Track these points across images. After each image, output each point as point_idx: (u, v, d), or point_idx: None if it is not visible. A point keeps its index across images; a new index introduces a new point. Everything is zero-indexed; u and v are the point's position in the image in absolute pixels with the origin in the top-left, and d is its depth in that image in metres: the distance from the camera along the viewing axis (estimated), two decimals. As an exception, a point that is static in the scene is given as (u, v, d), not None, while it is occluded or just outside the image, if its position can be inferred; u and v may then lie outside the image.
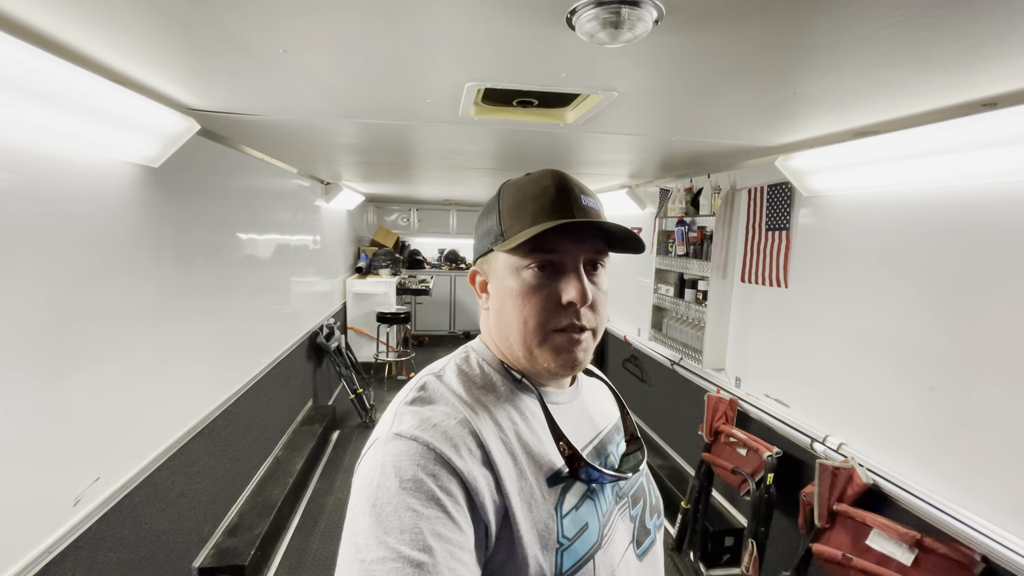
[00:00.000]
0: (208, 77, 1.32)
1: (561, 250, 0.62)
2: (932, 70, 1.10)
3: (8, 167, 1.21)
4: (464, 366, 0.68)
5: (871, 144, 1.64)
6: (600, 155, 2.50)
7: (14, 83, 1.07)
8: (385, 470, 0.53)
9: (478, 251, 0.70)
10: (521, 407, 0.65)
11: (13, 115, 1.15)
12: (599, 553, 0.60)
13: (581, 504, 0.61)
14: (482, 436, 0.57)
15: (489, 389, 0.65)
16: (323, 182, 4.27)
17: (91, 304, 1.48)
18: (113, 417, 1.58)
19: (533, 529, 0.56)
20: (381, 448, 0.55)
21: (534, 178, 0.66)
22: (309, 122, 1.89)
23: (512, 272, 0.64)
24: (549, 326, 0.63)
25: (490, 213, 0.68)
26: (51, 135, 1.29)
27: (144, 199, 1.73)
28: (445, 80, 1.29)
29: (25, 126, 1.20)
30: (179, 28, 0.99)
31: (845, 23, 0.88)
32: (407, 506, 0.50)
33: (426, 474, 0.52)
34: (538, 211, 0.63)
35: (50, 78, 1.12)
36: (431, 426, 0.56)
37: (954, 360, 1.54)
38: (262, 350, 2.95)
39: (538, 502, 0.58)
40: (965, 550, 1.42)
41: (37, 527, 1.28)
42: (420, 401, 0.61)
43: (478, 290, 0.71)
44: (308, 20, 0.94)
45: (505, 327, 0.66)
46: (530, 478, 0.59)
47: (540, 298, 0.62)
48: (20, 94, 1.10)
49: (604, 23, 0.84)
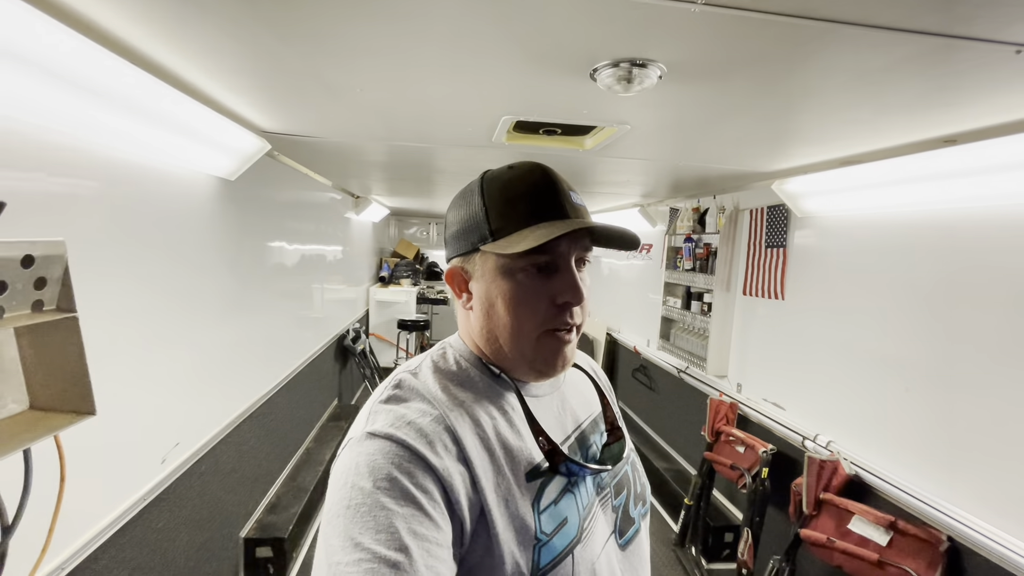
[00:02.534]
0: (288, 106, 1.59)
1: (556, 251, 0.62)
2: (891, 112, 1.33)
3: (128, 179, 1.48)
4: (440, 362, 0.66)
5: (854, 172, 1.87)
6: (615, 176, 2.75)
7: (131, 104, 1.26)
8: (359, 470, 0.52)
9: (458, 249, 0.67)
10: (500, 402, 0.64)
11: (127, 133, 1.37)
12: (578, 548, 0.60)
13: (560, 499, 0.61)
14: (457, 433, 0.57)
15: (466, 385, 0.64)
16: (354, 195, 4.58)
17: (175, 297, 1.74)
18: (189, 393, 1.83)
19: (510, 526, 0.55)
20: (355, 448, 0.55)
21: (520, 173, 0.64)
22: (359, 143, 2.16)
23: (505, 273, 0.62)
24: (544, 327, 0.62)
25: (470, 207, 0.65)
26: (159, 152, 1.57)
27: (222, 208, 2.02)
28: (486, 113, 1.55)
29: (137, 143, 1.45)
30: (281, 70, 1.25)
31: (808, 80, 1.12)
32: (382, 505, 0.49)
33: (401, 472, 0.51)
34: (531, 210, 0.62)
35: (157, 99, 1.30)
36: (405, 423, 0.56)
37: (927, 364, 1.74)
38: (298, 349, 3.22)
39: (515, 498, 0.57)
40: (933, 531, 1.60)
41: (136, 478, 1.53)
42: (395, 399, 0.60)
43: (457, 290, 0.68)
44: (386, 68, 1.20)
45: (494, 328, 0.64)
46: (508, 474, 0.58)
47: (536, 300, 0.62)
48: (136, 114, 1.31)
49: (619, 79, 1.09)
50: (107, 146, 1.37)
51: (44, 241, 0.82)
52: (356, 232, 4.91)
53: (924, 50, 0.93)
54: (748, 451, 2.37)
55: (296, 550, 2.53)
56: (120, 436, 1.43)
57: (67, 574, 1.22)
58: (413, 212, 6.86)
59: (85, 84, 1.11)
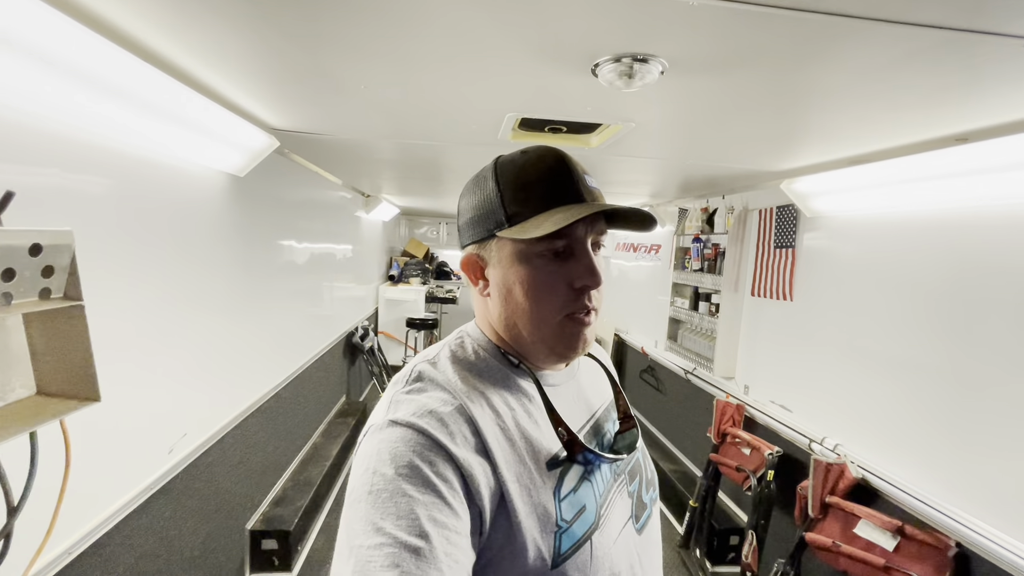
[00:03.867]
0: (296, 103, 1.61)
1: (573, 235, 0.62)
2: (899, 110, 1.31)
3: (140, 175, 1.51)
4: (459, 351, 0.67)
5: (863, 171, 1.84)
6: (623, 175, 2.74)
7: (144, 101, 1.29)
8: (381, 457, 0.53)
9: (473, 236, 0.67)
10: (518, 392, 0.65)
11: (139, 129, 1.40)
12: (596, 534, 0.61)
13: (579, 486, 0.62)
14: (477, 423, 0.58)
15: (484, 374, 0.64)
16: (364, 194, 4.61)
17: (183, 291, 1.77)
18: (196, 385, 1.86)
19: (532, 514, 0.56)
20: (377, 435, 0.56)
21: (533, 158, 0.64)
22: (366, 140, 2.19)
23: (522, 258, 0.63)
24: (564, 311, 0.63)
25: (483, 193, 0.65)
26: (170, 147, 1.60)
27: (232, 204, 2.05)
28: (491, 111, 1.56)
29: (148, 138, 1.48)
30: (289, 68, 1.27)
31: (815, 76, 1.11)
32: (403, 492, 0.50)
33: (422, 460, 0.52)
34: (547, 194, 0.62)
35: (170, 96, 1.32)
36: (426, 412, 0.56)
37: (939, 367, 1.71)
38: (306, 344, 3.25)
39: (537, 487, 0.58)
40: (942, 536, 1.57)
41: (144, 467, 1.56)
42: (415, 388, 0.61)
43: (472, 277, 0.69)
44: (392, 66, 1.21)
45: (513, 314, 0.65)
46: (529, 463, 0.59)
47: (554, 284, 0.62)
48: (148, 111, 1.34)
49: (620, 74, 1.08)
50: (120, 141, 1.40)
51: (51, 230, 0.84)
52: (366, 231, 4.95)
53: (934, 44, 0.92)
54: (754, 453, 2.35)
55: (302, 543, 2.56)
56: (127, 424, 1.46)
57: (74, 558, 1.25)
58: (424, 212, 6.89)
59: (100, 81, 1.14)
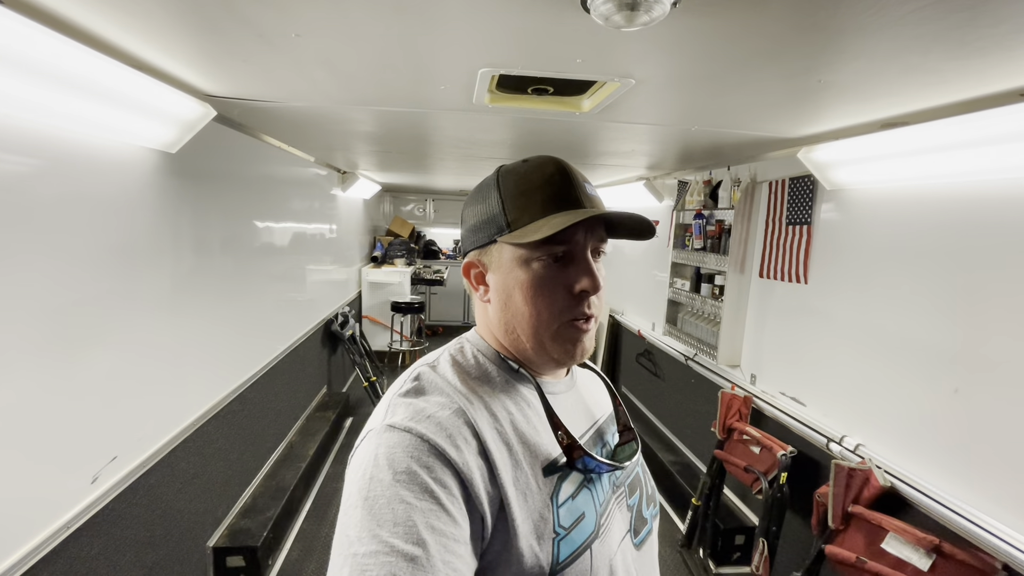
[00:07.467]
0: (223, 62, 1.32)
1: (572, 240, 0.62)
2: (968, 56, 1.04)
3: (27, 151, 1.23)
4: (459, 356, 0.67)
5: (900, 136, 1.58)
6: (617, 145, 2.46)
7: (32, 67, 1.08)
8: (378, 462, 0.52)
9: (474, 242, 0.68)
10: (517, 397, 0.65)
11: (32, 99, 1.16)
12: (596, 543, 0.60)
13: (578, 493, 0.61)
14: (477, 426, 0.57)
15: (484, 379, 0.64)
16: (340, 171, 4.29)
17: (109, 287, 1.51)
18: (130, 398, 1.61)
19: (528, 519, 0.56)
20: (374, 440, 0.55)
21: (534, 165, 0.66)
22: (325, 109, 1.89)
23: (521, 264, 0.63)
24: (562, 317, 0.63)
25: (486, 201, 0.66)
26: (69, 120, 1.31)
27: (163, 184, 1.76)
28: (458, 66, 1.28)
29: (44, 110, 1.22)
30: (193, 11, 0.99)
31: (876, 4, 0.84)
32: (400, 498, 0.49)
33: (420, 466, 0.51)
34: (547, 201, 0.62)
35: (67, 61, 1.12)
36: (425, 417, 0.56)
37: (981, 363, 1.49)
38: (277, 336, 2.99)
39: (533, 492, 0.57)
40: (986, 557, 1.38)
41: (55, 502, 1.32)
42: (414, 392, 0.60)
43: (474, 283, 0.69)
44: (319, 2, 0.93)
45: (512, 319, 0.65)
46: (526, 468, 0.58)
47: (553, 289, 0.62)
48: (38, 78, 1.11)
49: (620, 5, 0.80)
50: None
51: None
52: (344, 210, 4.63)
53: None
54: (764, 452, 2.14)
55: (273, 556, 2.36)
56: (27, 457, 1.22)
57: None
58: (408, 188, 6.56)
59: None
